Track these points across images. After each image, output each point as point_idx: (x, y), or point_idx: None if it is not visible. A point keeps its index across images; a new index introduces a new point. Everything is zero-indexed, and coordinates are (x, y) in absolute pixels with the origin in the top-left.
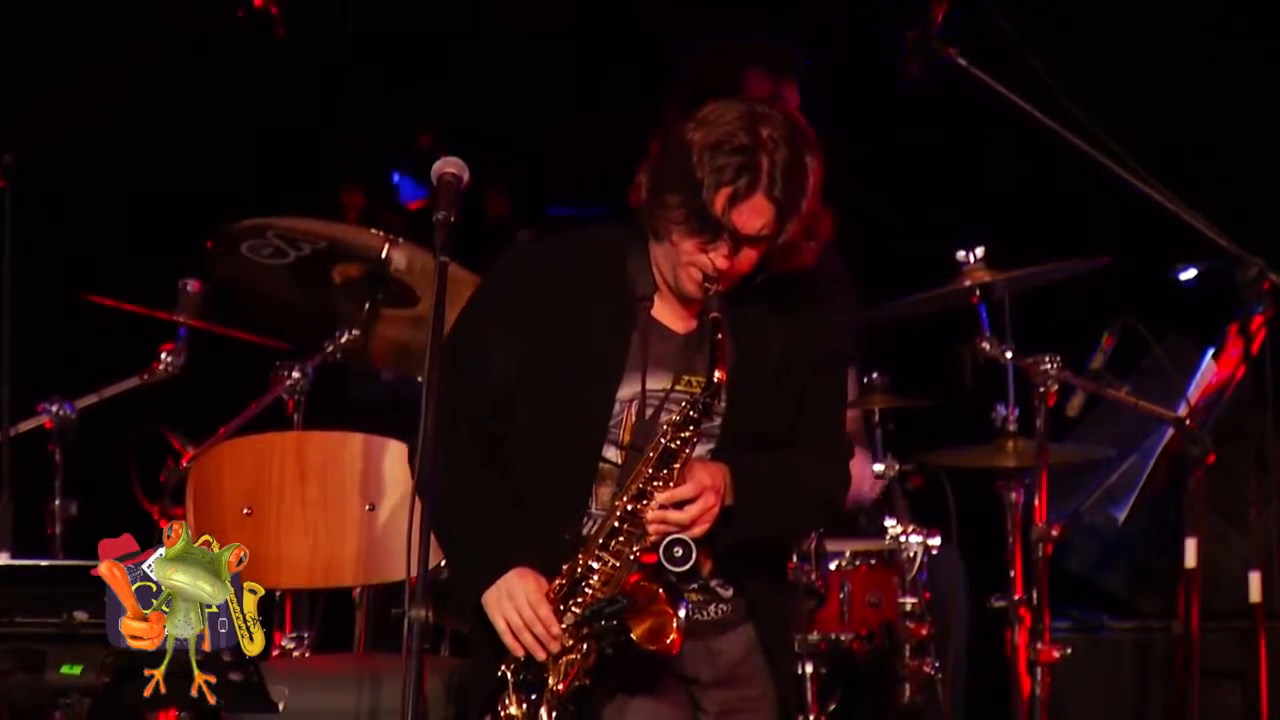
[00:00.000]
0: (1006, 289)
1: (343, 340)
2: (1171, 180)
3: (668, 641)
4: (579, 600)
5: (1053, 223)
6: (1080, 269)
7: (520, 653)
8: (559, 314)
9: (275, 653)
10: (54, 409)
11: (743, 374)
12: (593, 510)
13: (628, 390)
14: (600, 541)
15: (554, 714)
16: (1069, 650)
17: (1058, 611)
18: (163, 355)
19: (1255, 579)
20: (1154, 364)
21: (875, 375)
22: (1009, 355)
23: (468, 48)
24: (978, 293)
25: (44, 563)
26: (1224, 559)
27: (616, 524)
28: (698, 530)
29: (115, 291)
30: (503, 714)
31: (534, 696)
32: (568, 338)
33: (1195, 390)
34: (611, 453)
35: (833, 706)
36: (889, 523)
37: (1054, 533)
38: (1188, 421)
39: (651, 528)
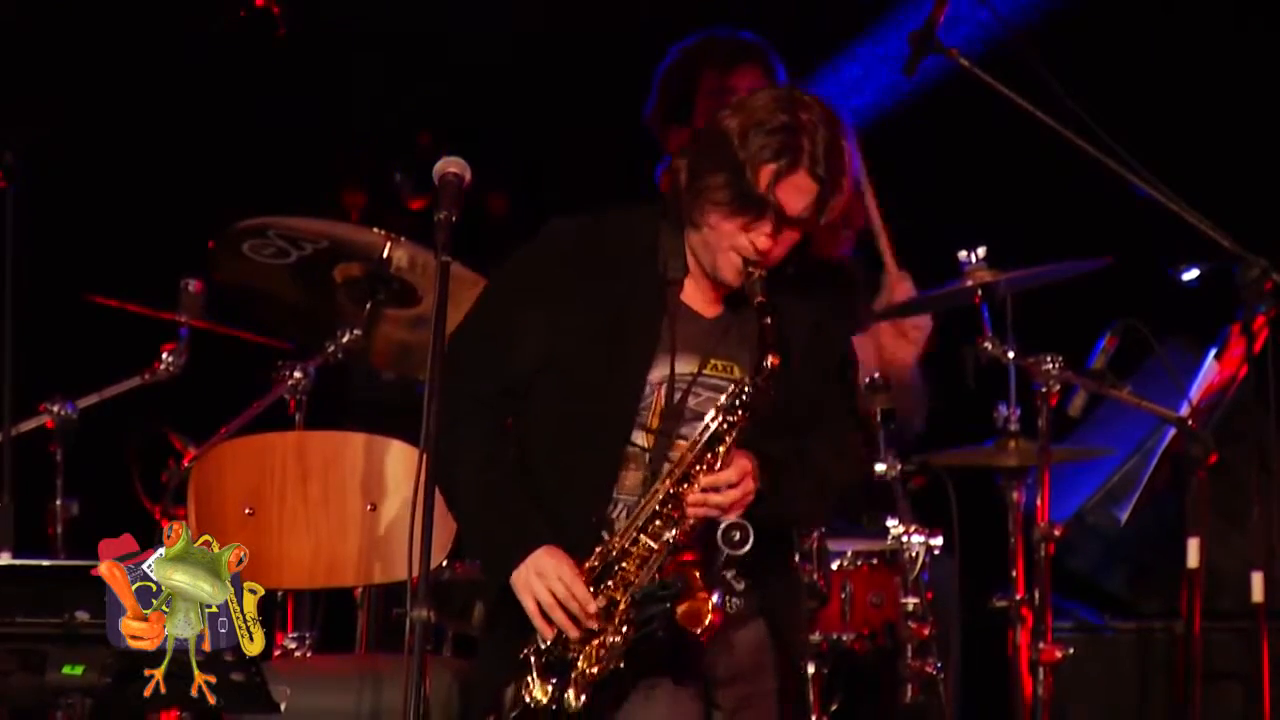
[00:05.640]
0: (1008, 289)
1: (344, 340)
2: (1173, 180)
3: (705, 624)
4: (610, 583)
5: (1055, 223)
6: (1082, 269)
7: (549, 633)
8: (589, 295)
9: (277, 653)
10: (55, 409)
11: None
12: (616, 495)
13: (658, 373)
14: (639, 524)
15: (583, 697)
16: (1071, 650)
17: (1059, 611)
18: (164, 355)
19: (1257, 579)
20: (1156, 364)
21: (877, 375)
22: (1011, 355)
23: (468, 48)
24: (980, 293)
25: (45, 563)
26: (1226, 559)
27: (658, 507)
28: (733, 515)
29: (117, 291)
30: (526, 697)
31: (556, 679)
32: (598, 320)
33: (1197, 390)
34: (639, 436)
35: (834, 707)
36: (891, 523)
37: (1056, 533)
38: (1190, 422)
39: (691, 511)
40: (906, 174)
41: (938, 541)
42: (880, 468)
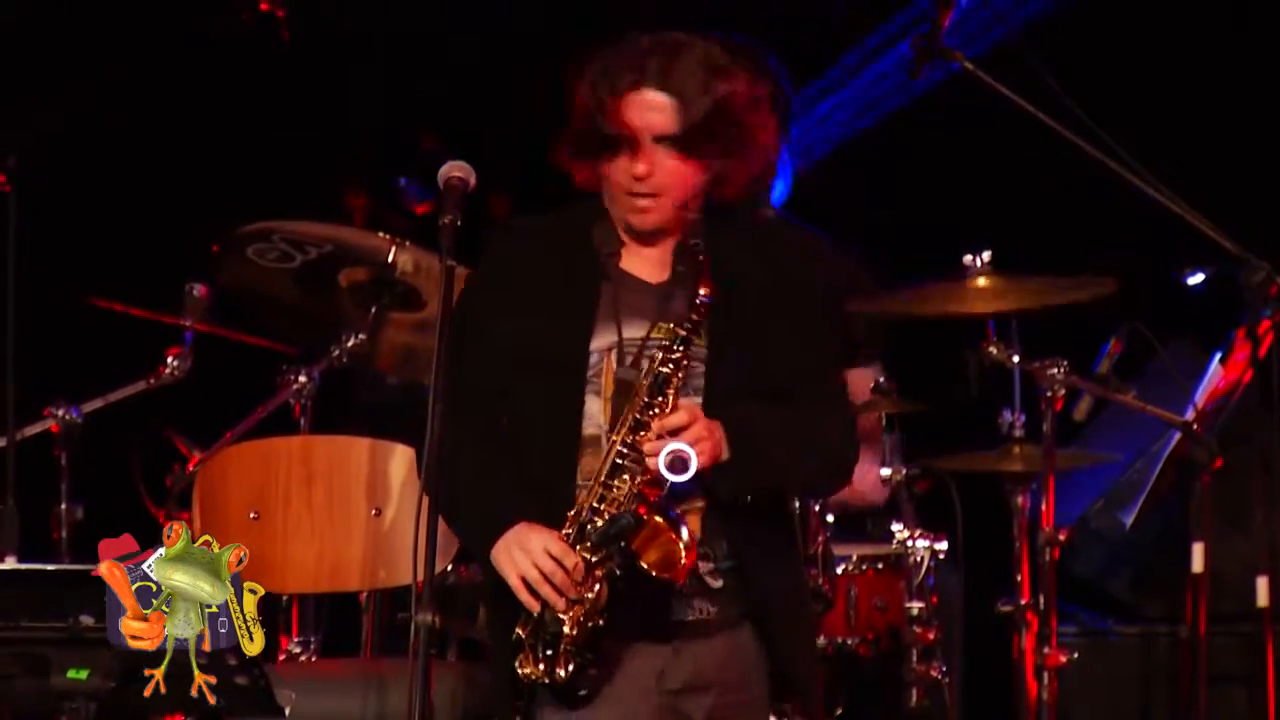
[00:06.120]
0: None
1: (349, 344)
2: (1178, 184)
3: (680, 565)
4: (587, 543)
5: (1059, 226)
6: (1086, 290)
7: (536, 608)
8: (532, 281)
9: (282, 657)
10: (60, 413)
11: (722, 322)
12: (579, 482)
13: (603, 340)
14: (603, 480)
15: (570, 666)
16: (1076, 655)
17: (1064, 616)
18: (169, 359)
19: (1262, 583)
20: (1160, 368)
21: (883, 380)
22: (1016, 360)
23: (468, 48)
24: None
25: (50, 567)
26: (1230, 563)
27: (617, 460)
28: (700, 461)
29: (121, 295)
30: (520, 674)
31: (550, 652)
32: (541, 300)
33: (1202, 395)
34: (595, 406)
35: (839, 711)
36: (895, 527)
37: (1061, 537)
38: (1195, 426)
39: (650, 461)
40: (909, 176)
41: (942, 546)
42: (885, 472)
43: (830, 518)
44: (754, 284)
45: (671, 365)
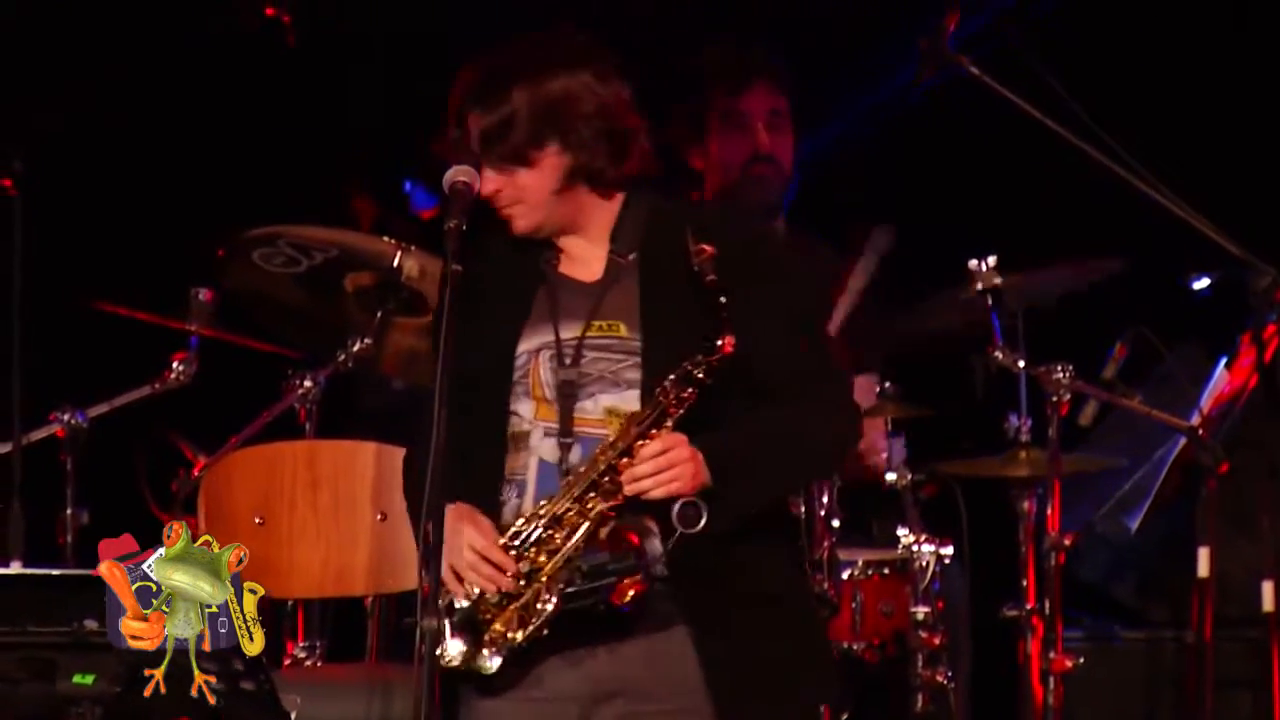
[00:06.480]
0: (1019, 303)
1: (354, 349)
2: (1183, 188)
3: (629, 597)
4: (534, 548)
5: (1065, 231)
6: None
7: (460, 592)
8: (485, 284)
9: (287, 662)
10: (66, 418)
11: (654, 316)
12: (509, 476)
13: (533, 342)
14: (576, 493)
15: (498, 659)
16: (1081, 660)
17: (1070, 621)
18: (174, 364)
19: (1268, 588)
20: (1166, 373)
21: (888, 385)
22: (1021, 364)
23: (468, 48)
24: (990, 301)
25: (55, 571)
26: (1236, 568)
27: (596, 477)
28: (674, 487)
29: (127, 300)
30: (441, 656)
31: (468, 639)
32: (486, 303)
33: (1208, 400)
34: (524, 406)
35: (845, 716)
36: (901, 532)
37: (1066, 542)
38: (1200, 431)
39: (627, 489)
40: (913, 179)
41: (948, 551)
42: (890, 476)
43: (836, 523)
44: (681, 277)
45: (677, 402)
